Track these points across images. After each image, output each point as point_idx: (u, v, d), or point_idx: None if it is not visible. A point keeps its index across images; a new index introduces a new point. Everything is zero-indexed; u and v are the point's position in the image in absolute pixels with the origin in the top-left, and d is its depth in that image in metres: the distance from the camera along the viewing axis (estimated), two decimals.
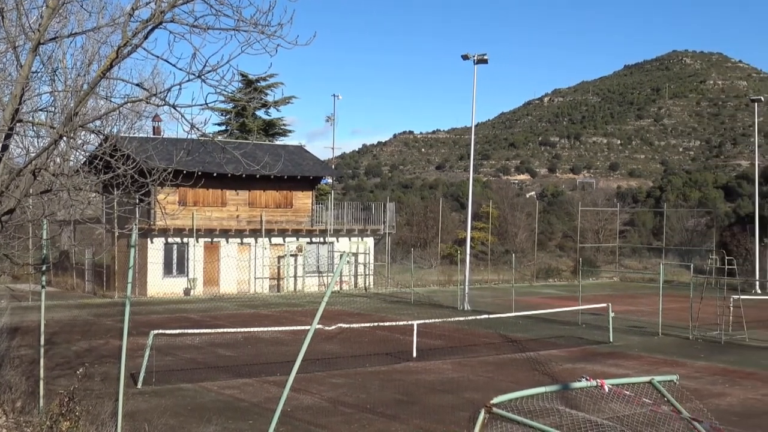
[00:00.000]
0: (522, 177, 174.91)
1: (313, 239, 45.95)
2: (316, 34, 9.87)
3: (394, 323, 26.40)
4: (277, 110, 63.22)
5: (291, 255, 45.03)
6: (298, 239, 45.38)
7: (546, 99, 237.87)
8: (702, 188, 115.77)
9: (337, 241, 46.67)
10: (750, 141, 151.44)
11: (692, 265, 34.06)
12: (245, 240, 43.76)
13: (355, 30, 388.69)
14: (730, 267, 33.44)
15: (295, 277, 45.22)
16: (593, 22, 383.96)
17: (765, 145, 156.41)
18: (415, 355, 22.60)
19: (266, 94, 59.46)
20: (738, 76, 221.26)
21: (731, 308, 27.81)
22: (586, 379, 10.96)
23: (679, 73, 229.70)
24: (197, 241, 42.05)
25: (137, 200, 12.55)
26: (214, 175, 38.85)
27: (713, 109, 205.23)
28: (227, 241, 43.24)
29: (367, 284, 47.10)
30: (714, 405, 16.74)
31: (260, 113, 61.63)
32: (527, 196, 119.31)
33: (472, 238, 44.09)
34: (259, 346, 24.55)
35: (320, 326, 18.51)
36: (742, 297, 30.30)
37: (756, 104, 53.86)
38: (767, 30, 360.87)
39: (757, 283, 47.81)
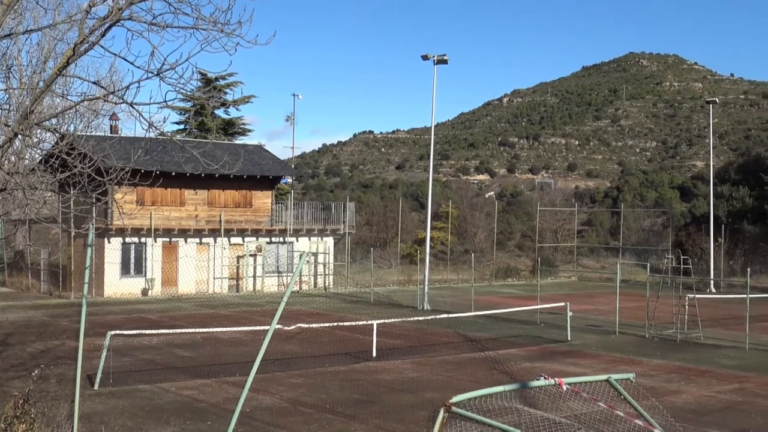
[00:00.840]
0: (481, 177, 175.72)
1: (273, 239, 45.78)
2: (276, 34, 9.85)
3: (353, 323, 26.39)
4: (237, 109, 62.94)
5: (250, 255, 44.83)
6: (257, 239, 45.18)
7: (505, 99, 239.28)
8: (658, 189, 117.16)
9: (297, 240, 46.54)
10: (705, 142, 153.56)
11: (648, 265, 34.46)
12: (204, 240, 43.48)
13: (315, 29, 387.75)
14: (685, 266, 33.80)
15: (255, 277, 45.03)
16: (552, 24, 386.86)
17: (719, 146, 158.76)
18: (374, 354, 22.61)
19: (225, 93, 59.10)
20: (693, 78, 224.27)
21: (686, 307, 28.18)
22: (545, 378, 11.04)
23: (636, 74, 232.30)
24: (155, 241, 41.69)
25: (94, 199, 12.42)
26: (173, 174, 38.52)
27: (669, 110, 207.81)
28: (186, 241, 42.92)
29: (326, 284, 47.03)
30: (670, 402, 16.95)
31: (219, 112, 61.26)
32: (486, 196, 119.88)
33: (431, 238, 44.22)
34: (218, 346, 24.41)
35: (280, 326, 18.45)
36: (697, 296, 30.70)
37: (711, 106, 54.66)
38: (722, 32, 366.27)
39: (712, 282, 48.50)
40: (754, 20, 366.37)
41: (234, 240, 44.43)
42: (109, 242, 40.17)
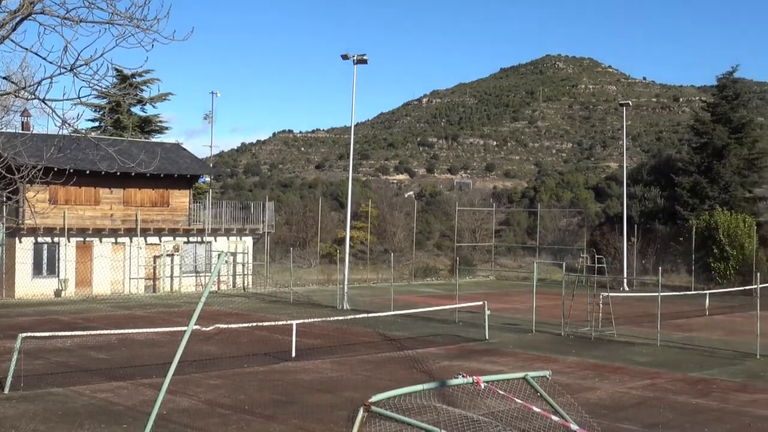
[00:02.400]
0: (401, 177, 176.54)
1: (191, 239, 45.21)
2: (194, 30, 9.71)
3: (272, 323, 26.23)
4: (154, 107, 62.05)
5: (167, 255, 44.19)
6: (174, 239, 44.56)
7: (424, 100, 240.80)
8: (574, 189, 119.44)
9: (215, 240, 46.05)
10: (619, 144, 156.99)
11: (564, 264, 35.06)
12: (120, 239, 42.68)
13: (234, 27, 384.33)
14: (599, 265, 34.56)
15: (172, 277, 44.40)
16: (471, 25, 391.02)
17: (632, 148, 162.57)
18: (293, 354, 22.51)
19: (142, 90, 58.15)
20: (608, 81, 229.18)
21: (601, 305, 28.74)
22: (463, 376, 11.14)
23: (552, 77, 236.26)
24: (69, 241, 40.75)
25: (4, 198, 12.08)
26: (87, 172, 37.78)
27: (584, 112, 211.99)
28: (101, 241, 42.08)
29: (245, 284, 46.65)
30: (585, 399, 17.28)
31: (136, 109, 60.26)
32: (406, 195, 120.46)
33: (351, 238, 44.23)
34: (134, 348, 23.99)
35: (197, 327, 18.23)
36: (611, 294, 31.37)
37: (624, 108, 55.96)
38: (635, 37, 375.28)
39: (625, 280, 49.63)
40: (666, 25, 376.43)
41: (151, 240, 43.74)
42: (20, 242, 39.07)
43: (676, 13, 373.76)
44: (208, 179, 58.62)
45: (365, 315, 28.65)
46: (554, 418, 11.95)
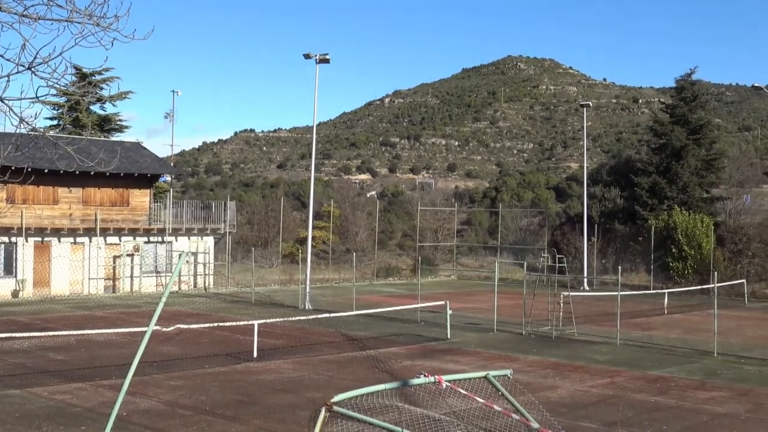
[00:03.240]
0: (363, 177, 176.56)
1: (151, 238, 44.83)
2: (154, 29, 9.63)
3: (234, 323, 26.09)
4: (114, 105, 61.35)
5: (127, 255, 43.79)
6: (134, 238, 44.17)
7: (387, 100, 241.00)
8: (535, 189, 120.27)
9: (176, 240, 45.71)
10: (579, 144, 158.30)
11: (525, 263, 35.27)
12: (79, 239, 42.21)
13: (196, 26, 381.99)
14: (560, 265, 34.80)
15: (132, 277, 44.01)
16: (433, 25, 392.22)
17: (593, 148, 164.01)
18: (255, 355, 22.42)
19: (102, 89, 57.57)
20: (569, 82, 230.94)
21: (561, 305, 28.96)
22: (425, 376, 11.18)
23: (513, 77, 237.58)
24: (26, 241, 40.21)
25: None
26: (46, 171, 37.33)
27: (545, 113, 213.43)
28: (59, 241, 41.58)
29: (206, 284, 46.37)
30: (545, 397, 17.40)
31: (95, 108, 59.62)
32: (368, 195, 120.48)
33: (313, 237, 44.15)
34: (93, 349, 23.74)
35: (158, 327, 18.08)
36: (572, 294, 31.64)
37: (585, 109, 56.48)
38: (595, 38, 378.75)
39: (585, 280, 50.07)
40: (626, 27, 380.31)
41: (110, 240, 43.31)
42: None
43: (636, 15, 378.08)
44: (168, 179, 58.19)
45: (327, 315, 28.61)
46: (515, 416, 12.03)
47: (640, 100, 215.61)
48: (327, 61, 37.53)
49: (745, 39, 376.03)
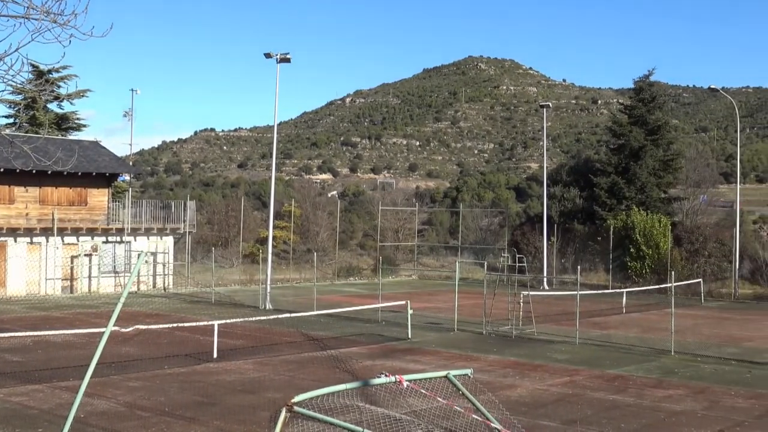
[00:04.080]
0: (324, 176, 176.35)
1: (109, 238, 44.38)
2: (113, 26, 9.53)
3: (194, 324, 25.90)
4: (71, 104, 60.75)
5: (85, 255, 43.31)
6: (93, 238, 43.70)
7: (348, 100, 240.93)
8: (495, 189, 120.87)
9: (135, 240, 45.29)
10: (539, 144, 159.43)
11: (486, 263, 35.44)
12: (35, 239, 41.65)
13: (155, 23, 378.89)
14: (520, 264, 35.05)
15: (90, 277, 43.53)
16: (394, 26, 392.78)
17: (552, 148, 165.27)
18: (215, 355, 22.28)
19: (59, 86, 56.86)
20: (529, 83, 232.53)
21: (521, 304, 29.14)
22: (386, 376, 11.18)
23: (474, 78, 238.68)
24: None
25: None
26: (1, 170, 36.83)
27: (506, 113, 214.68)
28: (15, 241, 41.00)
29: (166, 284, 46.01)
30: (505, 396, 17.49)
31: (53, 106, 58.86)
32: (329, 195, 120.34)
33: (274, 237, 43.98)
34: (50, 350, 23.44)
35: (116, 328, 17.89)
36: (532, 293, 31.84)
37: (545, 110, 56.89)
38: (555, 39, 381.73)
39: (545, 279, 50.43)
40: (585, 29, 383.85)
41: (68, 239, 42.80)
42: None
43: (595, 17, 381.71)
44: (127, 178, 57.61)
45: (288, 315, 28.51)
46: (476, 416, 12.08)
47: (599, 101, 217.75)
48: (288, 60, 37.41)
49: (702, 41, 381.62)
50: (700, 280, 44.49)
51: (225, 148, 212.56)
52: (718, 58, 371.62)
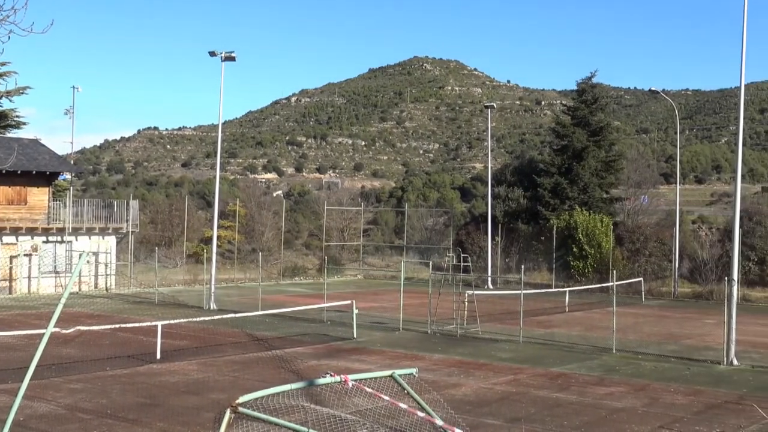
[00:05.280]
0: (269, 176, 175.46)
1: (50, 238, 43.65)
2: (54, 23, 9.39)
3: (137, 324, 25.62)
4: (11, 101, 59.38)
5: (25, 255, 42.52)
6: (32, 238, 42.93)
7: (293, 99, 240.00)
8: (440, 189, 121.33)
9: (76, 240, 44.61)
10: (484, 145, 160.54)
11: (431, 263, 35.57)
12: None
13: (98, 21, 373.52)
14: (465, 264, 35.26)
15: (30, 278, 42.74)
16: (340, 25, 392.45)
17: (497, 149, 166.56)
18: (158, 356, 22.06)
19: None
20: (473, 83, 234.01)
21: (466, 303, 29.32)
22: (331, 375, 11.19)
23: (420, 78, 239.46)
24: None
25: None
26: None
27: (451, 113, 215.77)
28: None
29: (108, 285, 45.40)
30: (450, 395, 17.59)
31: None
32: (274, 194, 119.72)
33: (218, 237, 43.67)
34: None
35: (57, 329, 17.61)
36: (476, 292, 32.05)
37: (489, 110, 57.27)
38: (500, 40, 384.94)
39: (489, 279, 50.80)
40: (529, 30, 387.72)
41: (7, 239, 42.00)
42: None
43: (539, 18, 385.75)
44: (68, 176, 56.69)
45: (232, 315, 28.35)
46: (420, 414, 12.13)
47: (543, 102, 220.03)
48: (233, 58, 37.15)
49: (644, 45, 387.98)
50: (641, 279, 45.21)
51: (169, 146, 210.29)
52: (659, 61, 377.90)
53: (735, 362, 23.08)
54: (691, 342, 27.95)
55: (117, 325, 25.54)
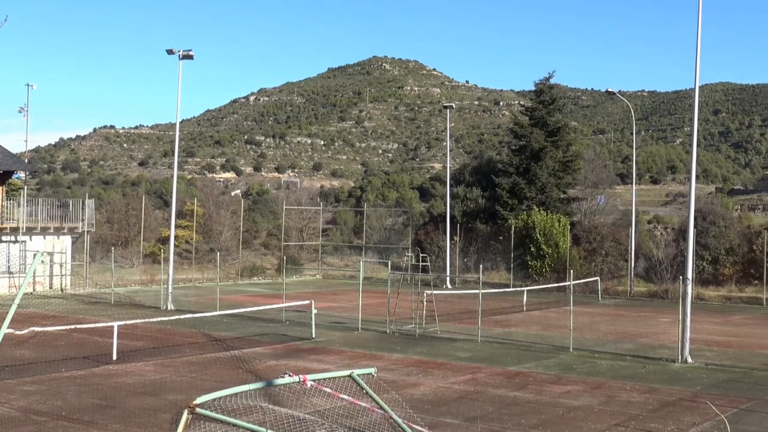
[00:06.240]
0: (227, 175, 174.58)
1: (3, 238, 42.98)
2: (8, 18, 9.23)
3: (92, 325, 25.33)
4: None
5: None
6: None
7: (252, 98, 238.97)
8: (399, 189, 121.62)
9: (31, 239, 43.97)
10: (442, 145, 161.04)
11: (390, 262, 35.62)
12: None
13: (53, 17, 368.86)
14: (424, 264, 35.33)
15: None
16: (299, 24, 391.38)
17: (456, 149, 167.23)
18: (115, 357, 21.83)
19: None
20: (432, 84, 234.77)
21: (425, 303, 29.39)
22: (289, 375, 11.16)
23: (379, 78, 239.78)
24: None
25: None
26: None
27: (410, 113, 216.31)
28: None
29: (63, 285, 44.83)
30: (409, 395, 17.62)
31: None
32: (232, 194, 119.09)
33: (176, 237, 43.32)
34: None
35: (11, 330, 17.35)
36: (435, 292, 32.14)
37: (448, 110, 57.46)
38: (458, 41, 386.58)
39: (448, 278, 50.97)
40: (487, 31, 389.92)
41: None
42: None
43: (497, 20, 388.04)
44: (22, 175, 55.95)
45: (190, 315, 28.15)
46: (379, 414, 12.15)
47: (501, 103, 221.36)
48: (191, 57, 36.87)
49: (601, 46, 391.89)
50: (598, 278, 45.64)
51: (125, 145, 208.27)
52: (616, 62, 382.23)
53: (689, 360, 23.39)
54: (646, 340, 28.27)
55: (72, 326, 25.23)
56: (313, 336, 26.97)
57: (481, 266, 32.05)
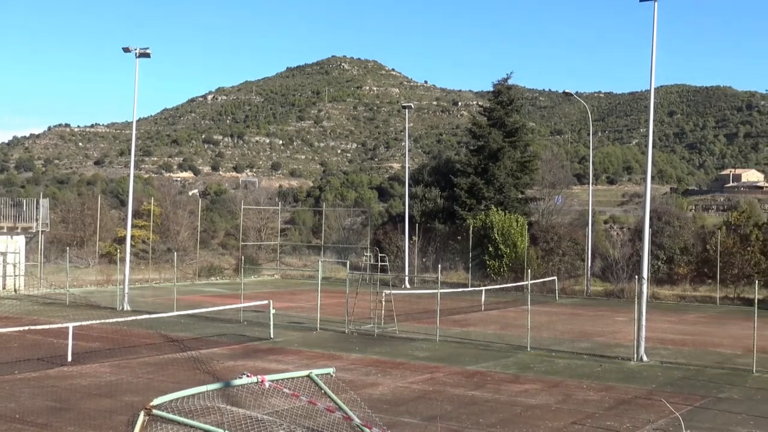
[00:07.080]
0: (185, 174, 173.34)
1: None
2: None
3: (47, 326, 24.98)
4: None
5: None
6: None
7: (210, 97, 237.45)
8: (358, 189, 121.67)
9: None
10: (401, 145, 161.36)
11: (348, 262, 35.58)
12: None
13: (5, 12, 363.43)
14: (382, 263, 35.37)
15: None
16: (257, 22, 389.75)
17: (414, 149, 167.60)
18: (70, 359, 21.55)
19: None
20: (391, 84, 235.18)
21: (383, 302, 29.40)
22: (247, 376, 11.09)
23: (338, 77, 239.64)
24: None
25: None
26: None
27: (369, 113, 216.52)
28: None
29: (17, 286, 44.18)
30: (367, 394, 17.61)
31: None
32: (190, 194, 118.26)
33: (132, 237, 42.88)
34: None
35: None
36: (393, 292, 32.16)
37: (407, 110, 57.52)
38: (417, 42, 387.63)
39: (407, 278, 51.04)
40: (446, 32, 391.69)
41: None
42: None
43: (456, 20, 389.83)
44: None
45: (147, 316, 27.89)
46: (338, 414, 12.13)
47: (460, 103, 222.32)
48: (147, 55, 36.49)
49: (558, 48, 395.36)
50: (555, 277, 46.00)
51: (81, 144, 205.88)
52: (573, 63, 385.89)
53: (645, 359, 23.65)
54: (602, 339, 28.55)
55: (26, 327, 24.86)
56: (272, 336, 26.86)
57: (439, 266, 32.17)
